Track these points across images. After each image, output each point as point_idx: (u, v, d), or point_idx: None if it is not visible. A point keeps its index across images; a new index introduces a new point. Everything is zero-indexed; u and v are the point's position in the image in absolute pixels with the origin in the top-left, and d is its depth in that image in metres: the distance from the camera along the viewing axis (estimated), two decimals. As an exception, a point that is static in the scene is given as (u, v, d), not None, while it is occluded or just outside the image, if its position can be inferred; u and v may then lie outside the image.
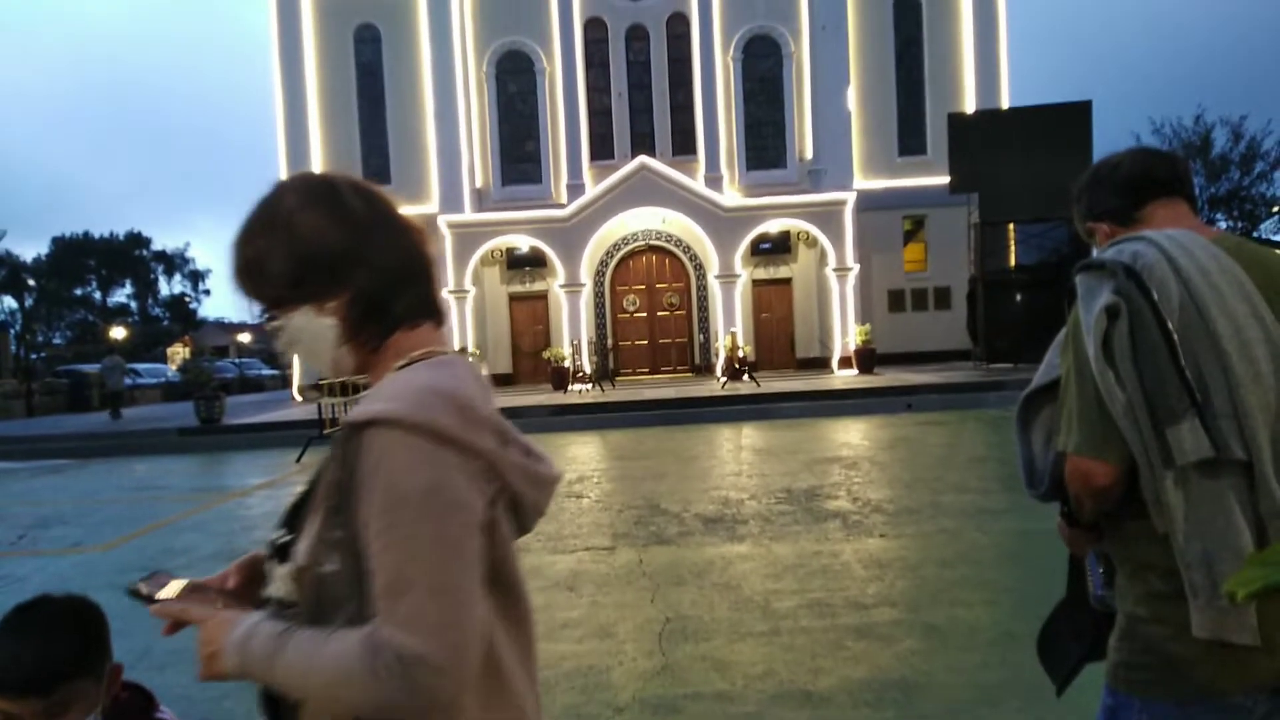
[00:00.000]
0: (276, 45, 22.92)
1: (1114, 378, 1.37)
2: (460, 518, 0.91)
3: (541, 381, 22.06)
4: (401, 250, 1.06)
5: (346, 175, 1.08)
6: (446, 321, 1.13)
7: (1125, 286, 1.40)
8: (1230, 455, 1.33)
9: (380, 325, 1.04)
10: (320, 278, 1.01)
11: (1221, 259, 1.41)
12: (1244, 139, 31.94)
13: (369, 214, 1.04)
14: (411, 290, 1.06)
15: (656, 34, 23.36)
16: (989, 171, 17.99)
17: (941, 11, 23.12)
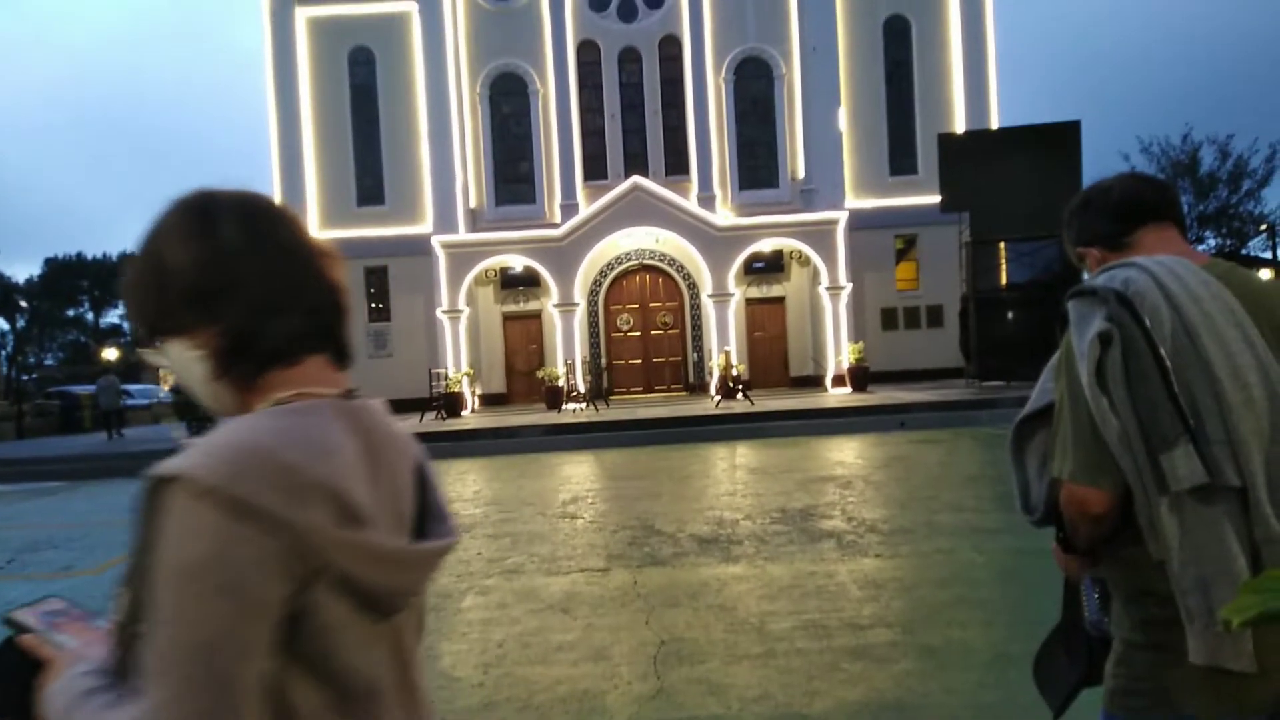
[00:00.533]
0: (271, 68, 23.03)
1: (1108, 404, 1.38)
2: (233, 604, 0.78)
3: (536, 401, 22.04)
4: (277, 278, 0.95)
5: (238, 194, 0.99)
6: (349, 356, 1.03)
7: (1118, 313, 1.41)
8: (1224, 481, 1.34)
9: (249, 362, 0.94)
10: (185, 309, 0.93)
11: (1212, 285, 1.42)
12: (1231, 157, 32.29)
13: (242, 239, 0.94)
14: (289, 322, 0.95)
15: (649, 56, 23.56)
16: (979, 191, 18.13)
17: (930, 34, 23.38)
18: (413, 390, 21.68)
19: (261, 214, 0.98)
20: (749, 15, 23.33)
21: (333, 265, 1.02)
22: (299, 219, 1.01)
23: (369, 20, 23.23)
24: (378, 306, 23.55)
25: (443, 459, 14.19)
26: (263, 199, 1.00)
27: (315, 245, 1.01)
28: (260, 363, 0.95)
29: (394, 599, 0.91)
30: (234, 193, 0.99)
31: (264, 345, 0.94)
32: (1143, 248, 1.60)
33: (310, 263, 0.98)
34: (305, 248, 0.99)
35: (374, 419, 0.98)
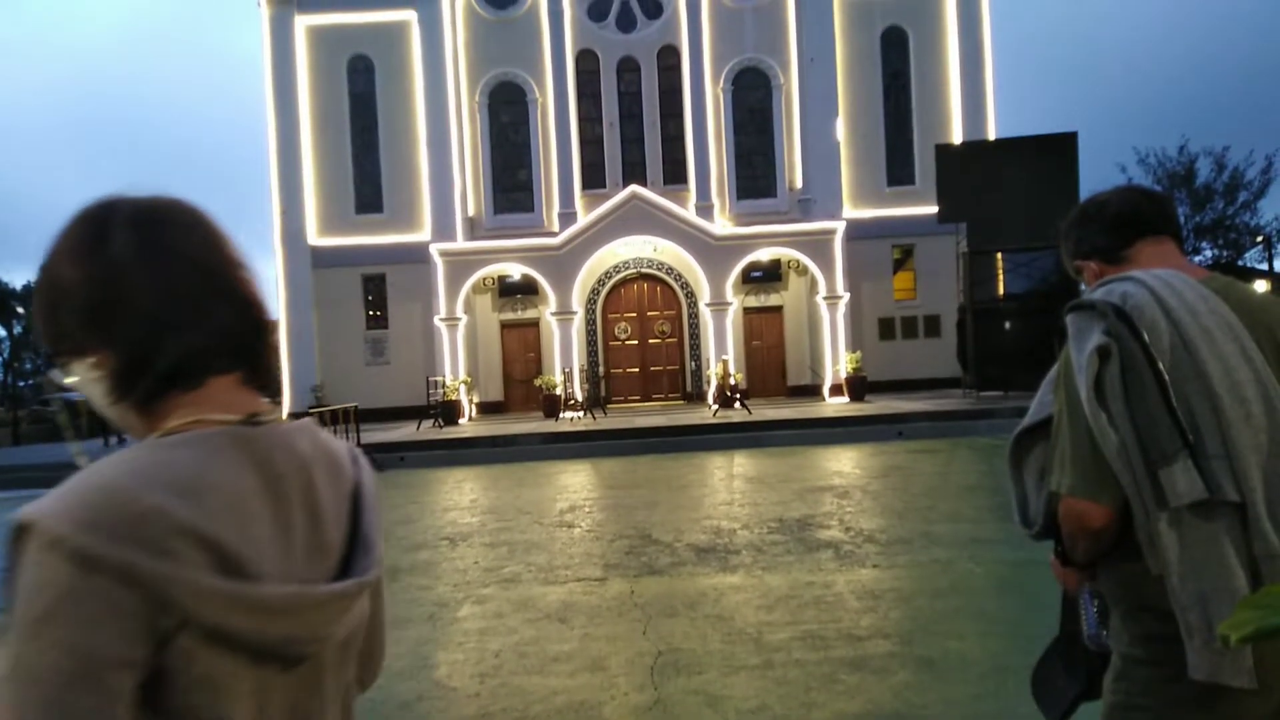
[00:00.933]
0: (270, 75, 23.07)
1: (1106, 419, 1.38)
2: (78, 662, 0.72)
3: (533, 409, 22.01)
4: (175, 293, 0.88)
5: (141, 202, 0.92)
6: (268, 376, 0.96)
7: (1116, 327, 1.41)
8: (1223, 496, 1.34)
9: (145, 384, 0.88)
10: (78, 328, 0.88)
11: (1210, 300, 1.43)
12: (1227, 169, 32.42)
13: (135, 252, 0.87)
14: (188, 341, 0.88)
15: (647, 66, 23.64)
16: (976, 201, 18.17)
17: (928, 45, 23.48)
18: (410, 398, 21.65)
19: (163, 223, 0.91)
20: (747, 26, 23.43)
21: (248, 278, 0.95)
22: (212, 228, 0.94)
23: (368, 29, 23.29)
24: (375, 314, 23.54)
25: (440, 467, 14.17)
26: (169, 206, 0.93)
27: (229, 257, 0.94)
28: (157, 385, 0.88)
29: (290, 648, 0.84)
30: (137, 200, 0.92)
31: (160, 366, 0.87)
32: (1140, 261, 1.61)
33: (219, 276, 0.92)
34: (215, 259, 0.92)
35: (280, 446, 0.91)
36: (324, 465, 0.95)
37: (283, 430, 0.93)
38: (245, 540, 0.82)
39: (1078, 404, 1.41)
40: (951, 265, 20.75)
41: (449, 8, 23.12)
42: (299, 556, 0.88)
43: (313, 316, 22.95)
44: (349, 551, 0.95)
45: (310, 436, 0.96)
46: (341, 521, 0.95)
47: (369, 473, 1.02)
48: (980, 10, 23.30)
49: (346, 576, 0.92)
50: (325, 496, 0.94)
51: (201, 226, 0.93)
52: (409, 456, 15.13)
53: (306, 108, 23.18)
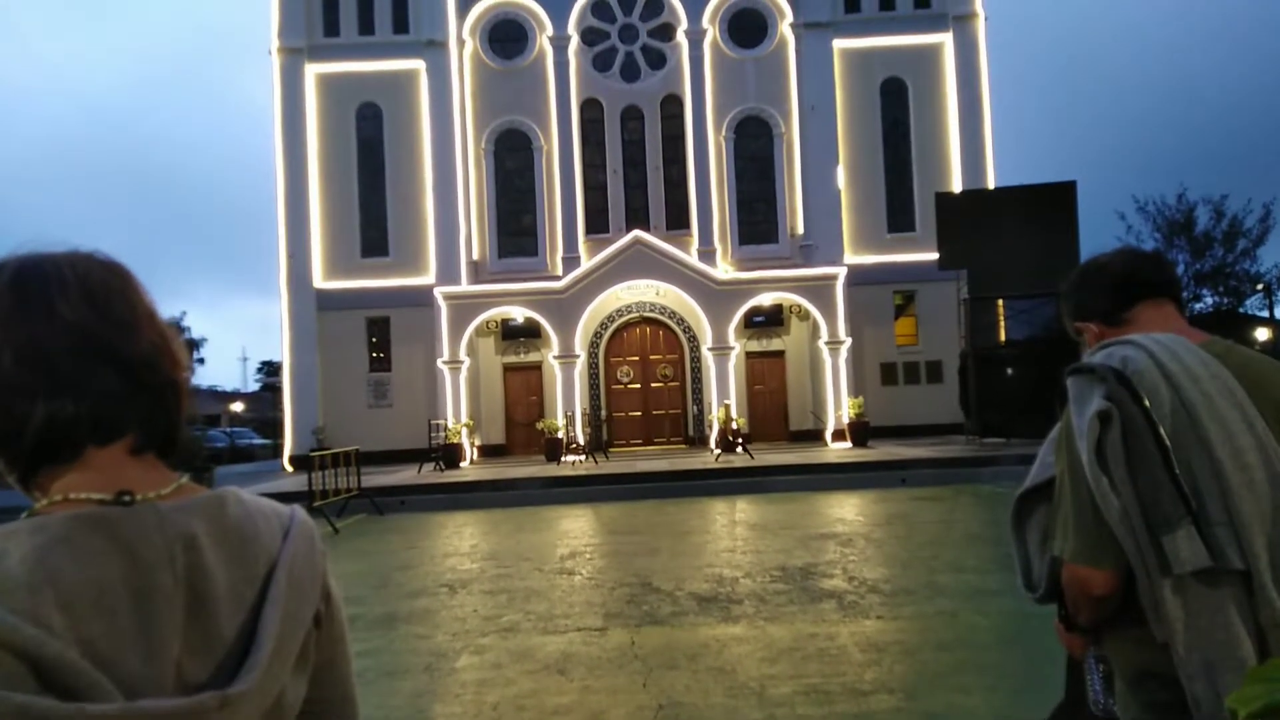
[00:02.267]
0: (279, 121, 23.44)
1: (1108, 484, 1.38)
2: None
3: (535, 453, 21.94)
4: (38, 358, 0.81)
5: (21, 260, 0.85)
6: (165, 442, 0.88)
7: (1117, 392, 1.41)
8: (1228, 564, 1.33)
9: (12, 461, 0.82)
10: None
11: (1211, 365, 1.43)
12: (1225, 217, 32.66)
13: (3, 316, 0.82)
14: (51, 409, 0.80)
15: (651, 114, 24.01)
16: (976, 249, 18.30)
17: (927, 95, 23.85)
18: (412, 441, 21.59)
19: (40, 284, 0.84)
20: (749, 76, 23.85)
21: (147, 337, 0.87)
22: (106, 284, 0.87)
23: (377, 77, 23.72)
24: (379, 356, 23.60)
25: (441, 511, 14.08)
26: (54, 264, 0.86)
27: (121, 315, 0.86)
28: (28, 459, 0.82)
29: None
30: (23, 259, 0.86)
31: (26, 439, 0.80)
32: (1140, 324, 1.61)
33: (102, 337, 0.83)
34: (99, 319, 0.84)
35: (157, 528, 0.80)
36: (225, 546, 0.84)
37: (164, 508, 0.82)
38: (86, 643, 0.72)
39: (1079, 468, 1.41)
40: (953, 311, 20.82)
41: (457, 57, 23.59)
42: (174, 655, 0.77)
43: (316, 359, 23.01)
44: (249, 644, 0.82)
45: (211, 512, 0.85)
46: (243, 609, 0.83)
47: (302, 544, 0.89)
48: (978, 62, 23.72)
49: (241, 673, 0.80)
50: (219, 583, 0.82)
51: (90, 283, 0.85)
52: (409, 500, 15.05)
53: (315, 153, 23.51)
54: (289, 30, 23.53)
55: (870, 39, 23.74)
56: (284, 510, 0.92)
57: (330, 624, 0.92)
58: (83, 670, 0.71)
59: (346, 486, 14.09)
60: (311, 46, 23.58)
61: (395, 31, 23.81)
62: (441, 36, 23.49)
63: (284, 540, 0.88)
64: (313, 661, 0.90)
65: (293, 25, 23.52)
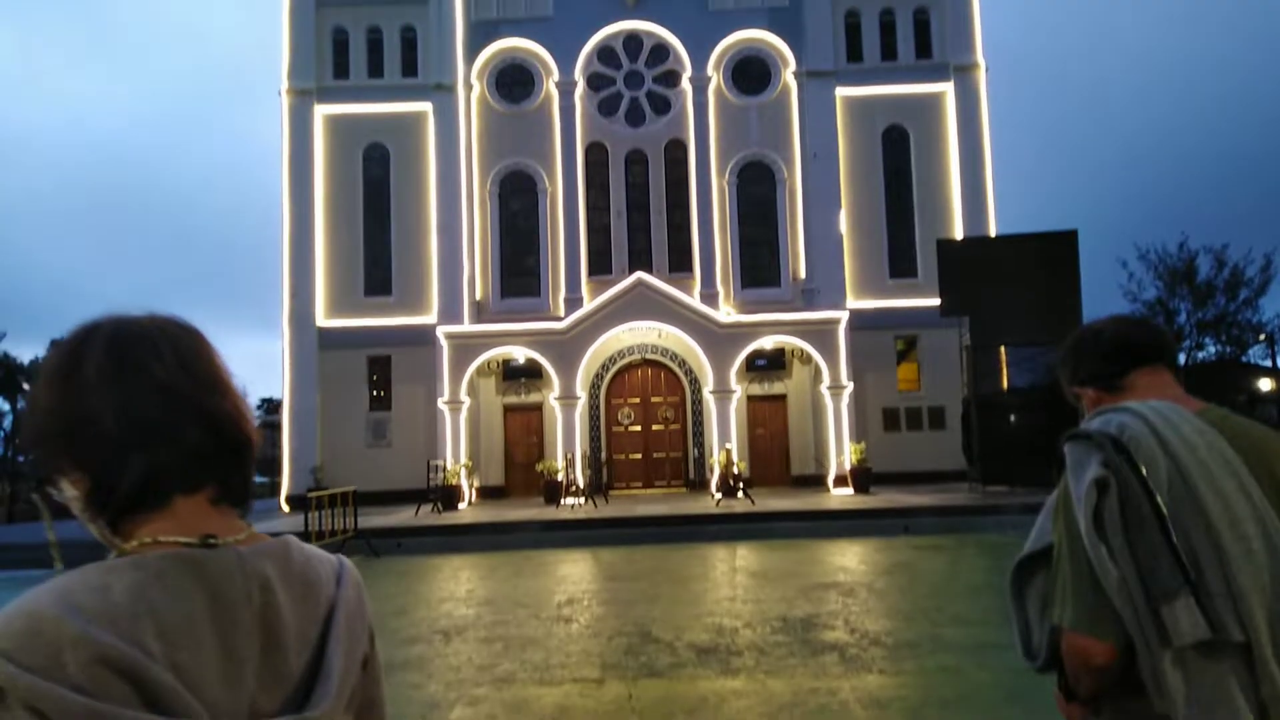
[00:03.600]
0: (287, 161, 23.73)
1: (1106, 552, 1.36)
2: None
3: (534, 495, 21.80)
4: (137, 415, 0.89)
5: (120, 324, 0.94)
6: (239, 494, 0.96)
7: (1113, 459, 1.41)
8: (1228, 636, 1.31)
9: (111, 504, 0.90)
10: (55, 450, 0.90)
11: (1206, 434, 1.42)
12: (1227, 266, 32.83)
13: (102, 376, 0.89)
14: (150, 462, 0.89)
15: (655, 158, 24.30)
16: (978, 296, 18.35)
17: (928, 143, 24.14)
18: (410, 481, 21.48)
19: (135, 346, 0.92)
20: (752, 122, 24.18)
21: (226, 397, 0.95)
22: (192, 347, 0.95)
23: (385, 119, 24.08)
24: (379, 395, 23.59)
25: (437, 554, 13.95)
26: (147, 327, 0.95)
27: (205, 376, 0.94)
28: (122, 506, 0.89)
29: None
30: (119, 322, 0.95)
31: (123, 488, 0.88)
32: (1136, 390, 1.61)
33: (189, 396, 0.92)
34: (186, 380, 0.92)
35: (237, 569, 0.88)
36: (292, 588, 0.93)
37: (243, 552, 0.91)
38: (179, 669, 0.80)
39: (1077, 537, 1.40)
40: (955, 358, 20.82)
41: (464, 101, 23.96)
42: (250, 686, 0.85)
43: (316, 397, 23.00)
44: (313, 679, 0.91)
45: (280, 557, 0.94)
46: (308, 648, 0.92)
47: (353, 590, 0.99)
48: (979, 112, 24.03)
49: (308, 706, 0.89)
50: (288, 622, 0.91)
51: (179, 347, 0.94)
52: (406, 542, 14.92)
53: (321, 192, 23.77)
54: (299, 72, 23.94)
55: (872, 88, 24.11)
56: (333, 558, 1.02)
57: (374, 665, 1.02)
58: (179, 693, 0.79)
59: (343, 528, 13.99)
60: (321, 88, 23.98)
61: (404, 75, 24.23)
62: (449, 80, 23.89)
63: (337, 585, 0.98)
64: (359, 700, 0.98)
65: (302, 67, 23.95)
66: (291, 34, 24.07)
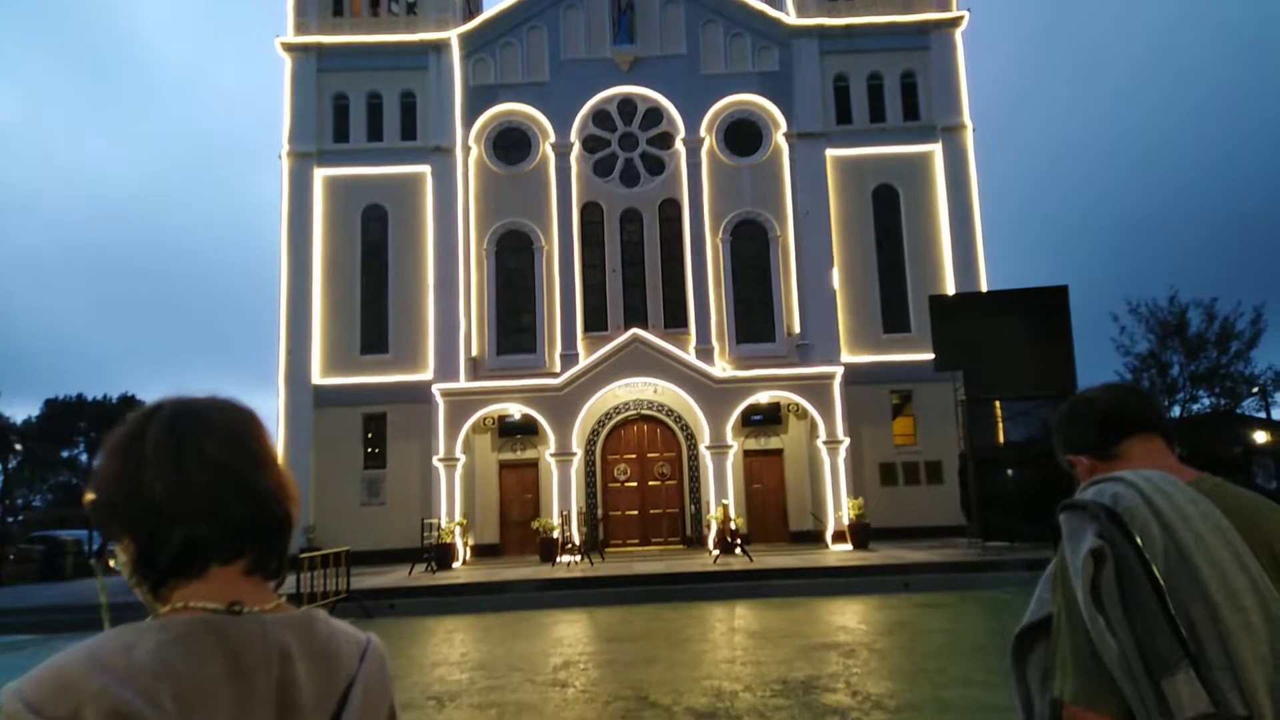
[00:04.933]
0: (286, 221, 23.99)
1: (1104, 624, 1.36)
2: None
3: (530, 552, 21.55)
4: (184, 490, 0.95)
5: (181, 405, 1.01)
6: (272, 566, 1.01)
7: (1108, 530, 1.41)
8: (1230, 711, 1.30)
9: (153, 571, 0.95)
10: (110, 516, 0.97)
11: (1201, 504, 1.43)
12: (1217, 319, 33.13)
13: (158, 452, 0.96)
14: (191, 533, 0.94)
15: (650, 217, 24.63)
16: (972, 350, 18.46)
17: (918, 202, 24.54)
18: (405, 540, 21.24)
19: (191, 423, 0.99)
20: (744, 182, 24.59)
21: (272, 475, 1.02)
22: (243, 427, 1.02)
23: (384, 180, 24.44)
24: (374, 452, 23.46)
25: (431, 615, 13.72)
26: (205, 407, 1.02)
27: (254, 455, 1.01)
28: (163, 572, 0.95)
29: None
30: (180, 401, 1.02)
31: (164, 555, 0.94)
32: (1130, 459, 1.63)
33: (237, 473, 0.98)
34: (235, 457, 0.99)
35: (259, 637, 0.93)
36: (313, 660, 0.96)
37: (267, 620, 0.95)
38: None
39: (1076, 607, 1.40)
40: (951, 411, 20.84)
41: (462, 163, 24.36)
42: None
43: (311, 456, 22.86)
44: None
45: (303, 629, 0.98)
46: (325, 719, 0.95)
47: (375, 667, 1.03)
48: (967, 171, 24.48)
49: None
50: (305, 693, 0.93)
51: (231, 426, 1.01)
52: (400, 603, 14.69)
53: (319, 252, 23.98)
54: (300, 135, 24.37)
55: (862, 149, 24.60)
56: (360, 635, 1.07)
57: None
58: None
59: (335, 589, 13.78)
60: (321, 151, 24.38)
61: (403, 138, 24.67)
62: (448, 143, 24.33)
63: (360, 661, 1.02)
64: None
65: (304, 131, 24.38)
66: (293, 99, 24.56)
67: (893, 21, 25.02)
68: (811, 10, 25.18)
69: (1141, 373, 34.58)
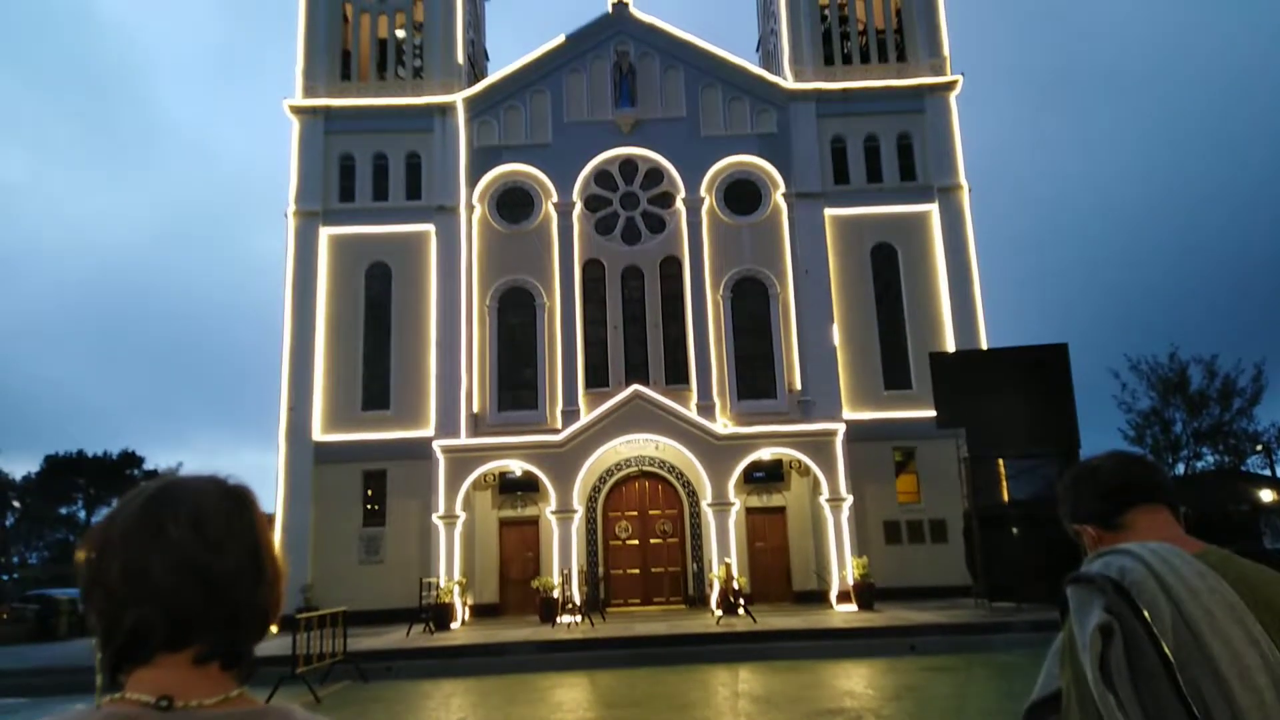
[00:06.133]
0: (290, 278, 24.20)
1: (1115, 702, 1.33)
2: None
3: (529, 612, 21.21)
4: (137, 573, 0.92)
5: (157, 484, 1.00)
6: (229, 655, 0.97)
7: (1116, 604, 1.39)
8: None
9: (107, 656, 0.94)
10: (85, 599, 0.96)
11: (1209, 578, 1.41)
12: (1218, 376, 33.13)
13: (124, 533, 0.95)
14: (136, 617, 0.91)
15: (650, 274, 24.85)
16: (973, 408, 18.42)
17: (916, 260, 24.76)
18: (403, 599, 20.92)
19: (163, 506, 0.96)
20: (744, 240, 24.87)
21: (231, 558, 0.95)
22: (214, 506, 0.97)
23: (388, 238, 24.73)
24: (373, 509, 23.27)
25: (429, 678, 13.45)
26: (180, 489, 0.98)
27: (214, 537, 0.95)
28: (114, 658, 0.93)
29: None
30: (162, 483, 1.00)
31: (115, 639, 0.93)
32: (1136, 530, 1.62)
33: (192, 557, 0.93)
34: (195, 540, 0.94)
35: None
36: None
37: (202, 717, 0.91)
38: None
39: (1085, 683, 1.37)
40: (954, 469, 20.71)
41: (465, 221, 24.70)
42: None
43: (310, 513, 22.68)
44: None
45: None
46: None
47: None
48: (964, 230, 24.76)
49: None
50: None
51: (203, 507, 0.97)
52: (397, 666, 14.41)
53: (323, 309, 24.15)
54: (306, 195, 24.74)
55: (859, 208, 24.93)
56: None
57: None
58: None
59: (332, 650, 13.54)
60: (327, 211, 24.73)
61: (408, 197, 25.05)
62: (452, 203, 24.69)
63: None
64: None
65: (310, 191, 24.76)
66: (300, 159, 25.00)
67: (888, 86, 25.59)
68: (808, 75, 25.79)
69: (1144, 430, 34.49)
